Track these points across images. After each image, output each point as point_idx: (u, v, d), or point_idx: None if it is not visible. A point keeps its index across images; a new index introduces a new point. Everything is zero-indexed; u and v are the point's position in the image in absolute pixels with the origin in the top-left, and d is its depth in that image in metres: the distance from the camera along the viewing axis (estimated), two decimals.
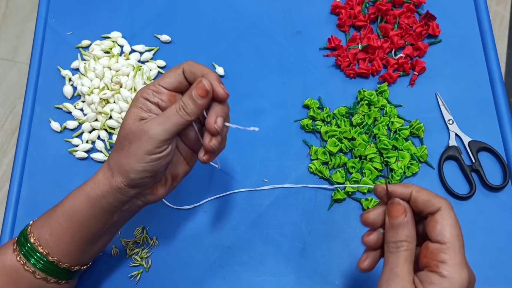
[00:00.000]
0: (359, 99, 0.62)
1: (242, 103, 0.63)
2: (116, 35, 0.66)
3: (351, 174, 0.58)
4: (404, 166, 0.58)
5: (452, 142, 0.60)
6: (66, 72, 0.64)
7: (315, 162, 0.59)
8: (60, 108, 0.63)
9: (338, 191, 0.57)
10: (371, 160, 0.58)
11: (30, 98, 0.63)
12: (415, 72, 0.63)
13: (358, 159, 0.58)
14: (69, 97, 0.63)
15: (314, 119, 0.61)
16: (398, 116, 0.61)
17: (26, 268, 0.44)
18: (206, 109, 0.44)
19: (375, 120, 0.61)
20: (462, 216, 0.56)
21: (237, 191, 0.58)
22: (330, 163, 0.58)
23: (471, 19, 0.67)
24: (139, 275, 0.55)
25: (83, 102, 0.62)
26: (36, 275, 0.44)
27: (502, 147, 0.60)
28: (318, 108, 0.62)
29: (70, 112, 0.62)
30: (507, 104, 0.61)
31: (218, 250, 0.56)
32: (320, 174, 0.58)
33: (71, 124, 0.61)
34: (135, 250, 0.55)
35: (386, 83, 0.62)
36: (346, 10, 0.66)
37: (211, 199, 0.58)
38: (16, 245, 0.45)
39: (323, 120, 0.61)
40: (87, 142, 0.60)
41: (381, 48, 0.64)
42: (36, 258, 0.44)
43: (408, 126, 0.60)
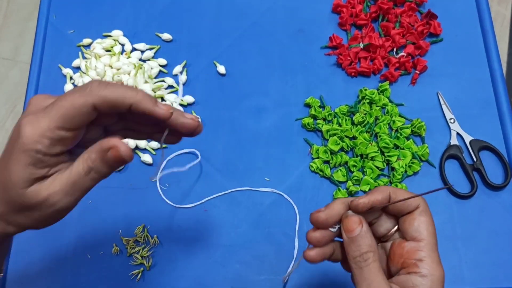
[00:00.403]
0: (360, 97, 0.62)
1: (244, 101, 0.63)
2: (117, 33, 0.66)
3: (352, 172, 0.58)
4: (406, 165, 0.58)
5: (454, 141, 0.60)
6: (67, 71, 0.64)
7: (316, 160, 0.59)
8: None
9: (339, 190, 0.57)
10: (372, 158, 0.58)
11: (31, 96, 0.63)
12: (417, 71, 0.63)
13: (359, 157, 0.58)
14: None
15: (315, 117, 0.61)
16: (400, 115, 0.61)
17: None
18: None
19: (376, 119, 0.61)
20: (464, 215, 0.57)
21: (238, 190, 0.58)
22: (331, 161, 0.58)
23: (473, 18, 0.67)
24: (140, 274, 0.54)
25: None
26: None
27: (503, 146, 0.60)
28: (320, 106, 0.62)
29: None
30: (508, 103, 0.61)
31: (219, 249, 0.56)
32: (321, 173, 0.58)
33: None
34: (136, 249, 0.55)
35: (387, 82, 0.62)
36: (348, 9, 0.66)
37: (212, 197, 0.58)
38: None
39: (324, 119, 0.61)
40: None
41: (382, 47, 0.64)
42: None
43: (409, 125, 0.60)
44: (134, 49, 0.66)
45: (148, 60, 0.65)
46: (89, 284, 0.54)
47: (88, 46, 0.66)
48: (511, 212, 0.57)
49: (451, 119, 0.61)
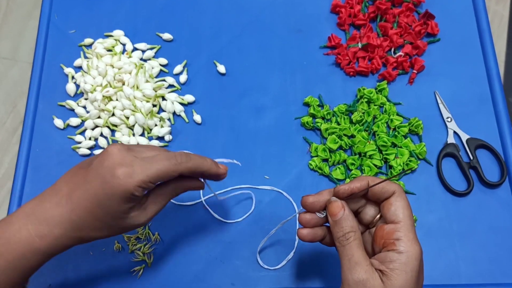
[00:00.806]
0: (358, 97, 0.63)
1: (243, 99, 0.63)
2: (118, 33, 0.67)
3: (350, 171, 0.59)
4: (403, 163, 0.58)
5: (451, 140, 0.60)
6: (69, 70, 0.65)
7: (315, 159, 0.59)
8: (63, 106, 0.63)
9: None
10: (370, 157, 0.59)
11: (34, 96, 0.64)
12: (414, 71, 0.64)
13: (357, 156, 0.59)
14: (72, 94, 0.64)
15: (314, 116, 0.62)
16: (397, 114, 0.62)
17: None
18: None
19: (374, 117, 0.61)
20: (460, 212, 0.58)
21: (238, 187, 0.59)
22: (330, 160, 0.59)
23: (470, 18, 0.68)
24: (142, 270, 0.55)
25: (86, 99, 0.63)
26: None
27: (499, 144, 0.61)
28: (318, 105, 0.62)
29: (73, 110, 0.63)
30: (504, 102, 0.62)
31: (219, 245, 0.56)
32: (320, 171, 0.59)
33: (74, 121, 0.62)
34: (138, 246, 0.56)
35: (385, 81, 0.63)
36: (346, 9, 0.67)
37: (212, 195, 0.58)
38: None
39: (323, 118, 0.62)
40: (90, 139, 0.61)
41: (380, 46, 0.64)
42: None
43: (407, 124, 0.61)
44: (135, 48, 0.66)
45: (149, 59, 0.66)
46: (91, 281, 0.55)
47: (89, 46, 0.67)
48: (506, 209, 0.57)
49: (448, 118, 0.62)
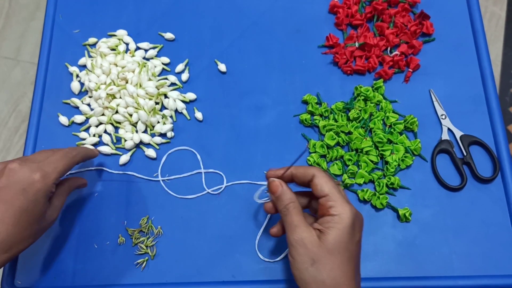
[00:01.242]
0: (355, 95, 0.64)
1: (244, 99, 0.65)
2: (122, 33, 0.68)
3: (347, 166, 0.60)
4: (399, 159, 0.60)
5: (445, 136, 0.62)
6: (73, 69, 0.66)
7: (313, 155, 0.61)
8: (68, 103, 0.65)
9: None
10: (367, 153, 0.60)
11: (39, 94, 0.65)
12: (410, 69, 0.65)
13: (354, 152, 0.61)
14: (76, 92, 0.65)
15: (312, 114, 0.63)
16: (393, 111, 0.63)
17: None
18: None
19: (371, 115, 0.63)
20: (454, 207, 0.59)
21: (238, 183, 0.60)
22: (328, 156, 0.61)
23: (464, 18, 0.69)
24: (145, 263, 0.57)
25: (90, 97, 0.64)
26: None
27: (492, 141, 0.62)
28: (317, 103, 0.64)
29: (77, 107, 0.64)
30: (497, 100, 0.64)
31: (220, 240, 0.58)
32: (318, 167, 0.61)
33: (79, 118, 0.63)
34: (141, 239, 0.58)
35: (381, 80, 0.64)
36: (344, 10, 0.68)
37: (214, 189, 0.60)
38: None
39: (321, 115, 0.63)
40: (94, 135, 0.63)
41: (377, 46, 0.66)
42: None
43: (402, 121, 0.62)
44: (138, 48, 0.68)
45: (152, 58, 0.67)
46: (96, 273, 0.56)
47: (93, 45, 0.68)
48: (499, 204, 0.59)
49: (442, 115, 0.63)
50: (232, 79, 0.66)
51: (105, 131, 0.63)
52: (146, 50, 0.67)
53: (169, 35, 0.68)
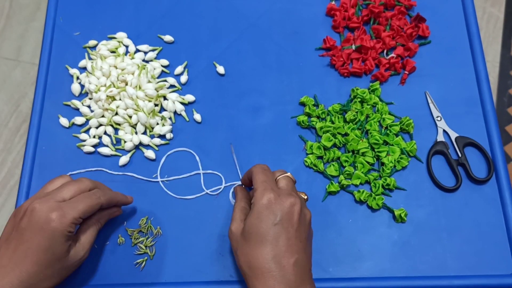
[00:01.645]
0: (352, 96, 0.65)
1: (242, 100, 0.66)
2: (121, 35, 0.69)
3: (344, 167, 0.61)
4: (395, 160, 0.61)
5: (440, 138, 0.63)
6: (74, 71, 0.67)
7: (310, 156, 0.62)
8: (69, 105, 0.66)
9: (332, 184, 0.60)
10: (363, 154, 0.61)
11: (40, 96, 0.66)
12: (406, 72, 0.66)
13: (351, 153, 0.62)
14: (77, 94, 0.66)
15: (309, 115, 0.64)
16: (389, 113, 0.64)
17: None
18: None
19: (367, 116, 0.64)
20: (448, 207, 0.60)
21: (236, 183, 0.61)
22: (324, 157, 0.62)
23: (460, 21, 0.70)
24: (144, 263, 0.57)
25: (90, 99, 0.65)
26: None
27: (487, 142, 0.63)
28: (314, 105, 0.65)
29: (78, 109, 0.65)
30: (492, 102, 0.64)
31: (219, 239, 0.58)
32: (315, 168, 0.61)
33: (79, 120, 0.64)
34: (140, 239, 0.58)
35: (378, 82, 0.65)
36: (341, 12, 0.69)
37: (213, 189, 0.61)
38: None
39: (318, 117, 0.64)
40: (94, 137, 0.63)
41: (373, 48, 0.67)
42: None
43: (398, 123, 0.63)
44: (138, 50, 0.68)
45: (151, 60, 0.68)
46: (96, 273, 0.57)
47: (93, 48, 0.69)
48: (493, 205, 0.60)
49: (437, 117, 0.64)
50: (230, 80, 0.67)
51: (105, 133, 0.64)
52: (146, 53, 0.68)
53: (168, 38, 0.69)
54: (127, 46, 0.68)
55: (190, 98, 0.66)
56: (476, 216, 0.59)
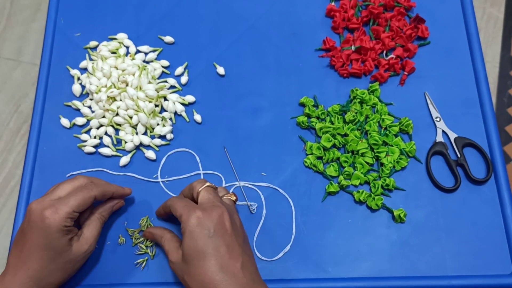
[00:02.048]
0: (352, 97, 0.65)
1: (241, 101, 0.66)
2: (122, 36, 0.69)
3: (343, 168, 0.61)
4: (394, 161, 0.61)
5: (439, 138, 0.63)
6: (75, 72, 0.67)
7: (310, 156, 0.62)
8: (69, 106, 0.66)
9: (331, 184, 0.60)
10: (362, 155, 0.61)
11: (41, 96, 0.66)
12: (405, 72, 0.67)
13: (350, 154, 0.62)
14: (77, 95, 0.66)
15: (309, 116, 0.65)
16: (389, 114, 0.64)
17: None
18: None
19: (366, 117, 0.64)
20: (447, 207, 0.60)
21: (235, 184, 0.61)
22: (324, 157, 0.62)
23: (459, 22, 0.70)
24: (144, 263, 0.58)
25: (91, 100, 0.65)
26: None
27: (486, 143, 0.63)
28: (313, 106, 0.65)
29: (78, 110, 0.65)
30: (491, 103, 0.65)
31: None
32: (314, 168, 0.62)
33: (80, 120, 0.65)
34: (141, 239, 0.59)
35: (377, 83, 0.66)
36: (340, 13, 0.70)
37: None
38: None
39: (318, 117, 0.64)
40: (95, 137, 0.64)
41: (373, 49, 0.67)
42: None
43: (397, 123, 0.63)
44: (138, 51, 0.69)
45: (152, 61, 0.68)
46: (96, 272, 0.57)
47: (94, 48, 0.69)
48: (492, 205, 0.60)
49: (437, 117, 0.64)
50: (229, 81, 0.67)
51: (105, 133, 0.64)
52: (146, 53, 0.69)
53: (168, 39, 0.69)
54: (127, 47, 0.69)
55: (190, 98, 0.66)
56: (475, 217, 0.59)
